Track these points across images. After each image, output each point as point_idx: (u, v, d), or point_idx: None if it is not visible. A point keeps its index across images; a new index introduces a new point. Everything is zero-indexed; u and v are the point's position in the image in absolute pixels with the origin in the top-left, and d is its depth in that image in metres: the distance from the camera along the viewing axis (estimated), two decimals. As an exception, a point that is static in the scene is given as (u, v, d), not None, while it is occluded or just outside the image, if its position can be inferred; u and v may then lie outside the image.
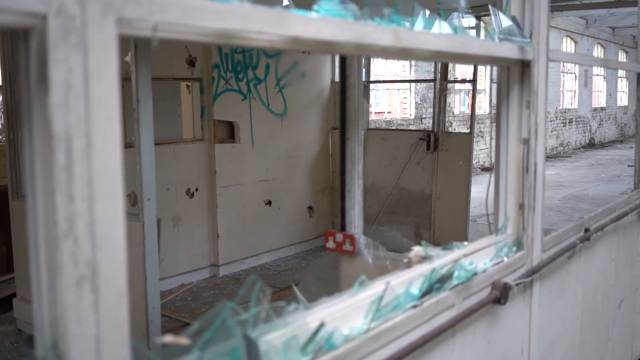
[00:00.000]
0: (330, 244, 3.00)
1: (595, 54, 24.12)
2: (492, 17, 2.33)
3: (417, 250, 2.24)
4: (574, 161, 18.43)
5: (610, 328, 3.68)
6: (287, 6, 1.36)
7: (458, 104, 15.74)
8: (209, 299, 5.85)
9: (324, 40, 1.42)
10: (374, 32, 1.55)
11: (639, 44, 3.82)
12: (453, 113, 15.12)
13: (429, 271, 1.95)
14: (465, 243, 2.33)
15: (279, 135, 7.14)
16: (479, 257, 2.27)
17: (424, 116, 13.90)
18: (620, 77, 27.31)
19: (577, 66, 21.20)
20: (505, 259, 2.35)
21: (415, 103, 13.88)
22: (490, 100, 16.55)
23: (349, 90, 2.92)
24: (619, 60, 26.46)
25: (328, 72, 7.80)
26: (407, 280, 1.87)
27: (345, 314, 1.65)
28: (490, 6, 2.31)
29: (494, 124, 13.24)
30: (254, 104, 6.79)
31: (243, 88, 6.66)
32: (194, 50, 6.17)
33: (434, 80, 7.13)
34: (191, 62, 6.20)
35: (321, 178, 7.79)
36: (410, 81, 13.44)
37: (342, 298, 1.68)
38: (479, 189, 13.08)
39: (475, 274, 2.12)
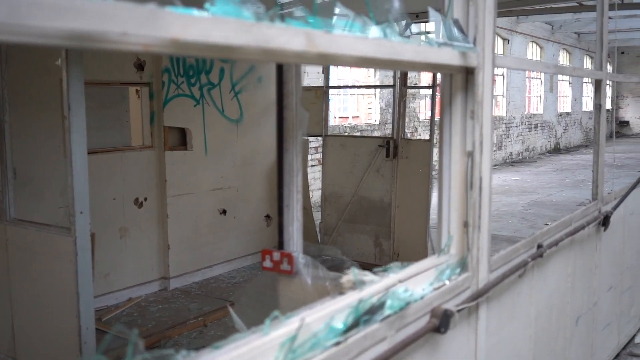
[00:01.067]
0: (267, 263, 2.79)
1: (560, 59, 24.31)
2: (432, 21, 2.15)
3: (350, 275, 2.05)
4: (539, 166, 18.48)
5: (567, 347, 3.53)
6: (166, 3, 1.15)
7: (424, 109, 15.65)
8: (156, 314, 5.58)
9: (215, 44, 1.21)
10: (281, 35, 1.35)
11: (598, 50, 3.68)
12: (419, 119, 15.03)
13: (356, 301, 1.75)
14: (405, 263, 2.14)
15: (235, 142, 6.91)
16: (417, 282, 2.08)
17: (388, 121, 13.75)
18: (586, 82, 27.60)
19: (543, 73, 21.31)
20: (447, 282, 2.16)
21: (380, 108, 13.74)
22: (456, 106, 16.47)
23: (286, 97, 2.71)
24: (585, 65, 26.74)
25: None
26: (329, 314, 1.66)
27: (253, 357, 1.44)
28: (429, 9, 2.12)
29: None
30: (207, 110, 6.55)
31: (196, 93, 6.41)
32: (142, 53, 5.90)
33: (393, 86, 6.96)
34: (140, 66, 5.94)
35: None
36: (368, 87, 13.30)
37: (250, 338, 1.47)
38: (444, 195, 12.99)
39: (410, 302, 1.93)
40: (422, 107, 15.47)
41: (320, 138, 7.64)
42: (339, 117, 14.08)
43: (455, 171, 2.29)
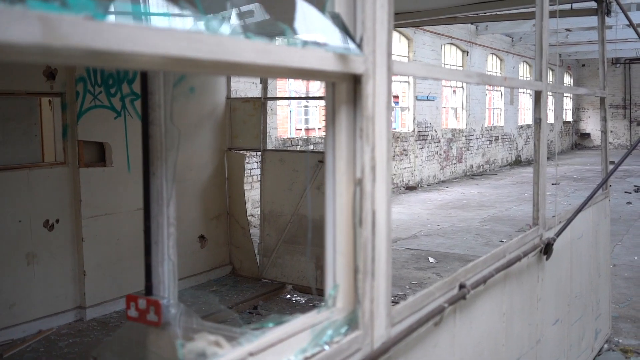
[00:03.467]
0: (132, 312, 2.29)
1: (521, 72, 24.25)
2: (302, 15, 1.69)
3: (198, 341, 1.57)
4: (499, 179, 18.25)
5: (502, 395, 3.09)
6: None
7: (381, 121, 15.27)
8: (64, 350, 5.02)
9: None
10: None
11: (537, 59, 3.28)
12: (375, 131, 14.63)
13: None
14: (275, 320, 1.67)
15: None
16: (282, 351, 1.61)
17: (344, 134, 13.35)
18: (548, 94, 27.56)
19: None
20: (327, 347, 1.70)
21: (335, 120, 13.32)
22: (414, 118, 16.18)
23: (152, 111, 2.22)
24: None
25: (223, 88, 7.10)
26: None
27: None
28: (298, 1, 1.67)
29: (418, 142, 12.87)
30: (130, 123, 6.02)
31: (116, 104, 5.88)
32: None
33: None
34: (51, 75, 5.39)
35: (215, 204, 7.06)
36: (301, 98, 12.92)
37: None
38: (400, 209, 12.60)
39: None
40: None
41: (259, 153, 7.15)
42: (296, 129, 13.68)
43: (341, 204, 1.83)
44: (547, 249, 3.50)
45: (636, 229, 10.32)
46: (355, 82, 1.79)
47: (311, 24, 1.74)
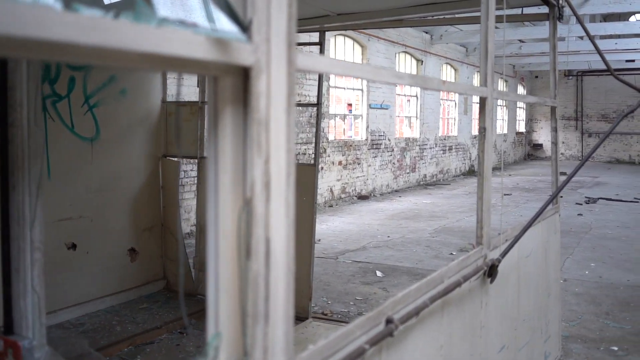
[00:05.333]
0: (-14, 356, 1.86)
1: (475, 82, 24.28)
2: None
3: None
4: (453, 189, 18.12)
5: None
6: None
7: (333, 129, 14.97)
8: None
9: None
10: None
11: (482, 63, 2.96)
12: (328, 139, 14.32)
13: None
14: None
15: (89, 164, 5.90)
16: None
17: (296, 141, 12.96)
18: (500, 105, 27.79)
19: (456, 94, 21.12)
20: (200, 416, 1.31)
21: (286, 127, 12.94)
22: (368, 126, 15.92)
23: (12, 111, 1.81)
24: (501, 88, 26.87)
25: (158, 90, 6.65)
26: None
27: None
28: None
29: (371, 151, 12.56)
30: (52, 126, 5.54)
31: (35, 106, 5.40)
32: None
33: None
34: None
35: (148, 214, 6.59)
36: None
37: None
38: (351, 220, 12.28)
39: None
40: (332, 127, 14.78)
41: (195, 160, 6.72)
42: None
43: (225, 229, 1.45)
44: (491, 271, 3.18)
45: (587, 241, 10.20)
46: (245, 77, 1.42)
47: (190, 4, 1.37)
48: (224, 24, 1.35)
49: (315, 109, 9.66)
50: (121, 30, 1.06)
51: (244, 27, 1.37)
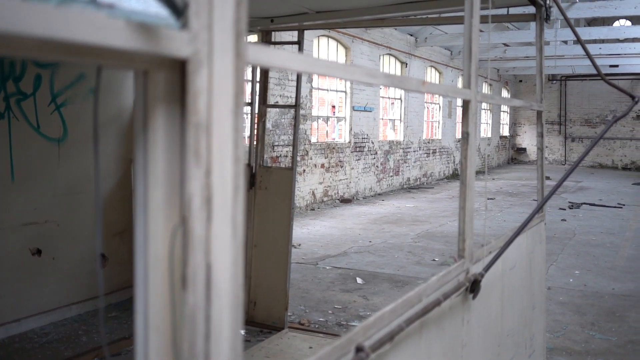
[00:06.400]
0: None
1: (460, 85, 24.19)
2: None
3: None
4: (436, 192, 17.96)
5: None
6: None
7: (316, 131, 14.75)
8: None
9: None
10: None
11: (466, 65, 2.75)
12: (310, 141, 14.09)
13: None
14: None
15: (55, 166, 5.63)
16: None
17: (276, 143, 12.75)
18: (485, 109, 27.74)
19: (440, 97, 20.99)
20: None
21: (267, 129, 12.70)
22: (351, 129, 15.72)
23: None
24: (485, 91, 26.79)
25: (130, 89, 6.39)
26: None
27: None
28: None
29: (354, 153, 12.36)
30: (15, 126, 5.27)
31: (-1, 105, 5.13)
32: None
33: (250, 104, 5.87)
34: None
35: (118, 219, 6.33)
36: None
37: None
38: (332, 224, 12.05)
39: None
40: (314, 129, 14.56)
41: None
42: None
43: (155, 255, 1.22)
44: (473, 286, 2.97)
45: (571, 248, 10.05)
46: (182, 71, 1.19)
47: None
48: (154, 7, 1.12)
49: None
50: (10, 9, 0.83)
51: (179, 11, 1.14)
